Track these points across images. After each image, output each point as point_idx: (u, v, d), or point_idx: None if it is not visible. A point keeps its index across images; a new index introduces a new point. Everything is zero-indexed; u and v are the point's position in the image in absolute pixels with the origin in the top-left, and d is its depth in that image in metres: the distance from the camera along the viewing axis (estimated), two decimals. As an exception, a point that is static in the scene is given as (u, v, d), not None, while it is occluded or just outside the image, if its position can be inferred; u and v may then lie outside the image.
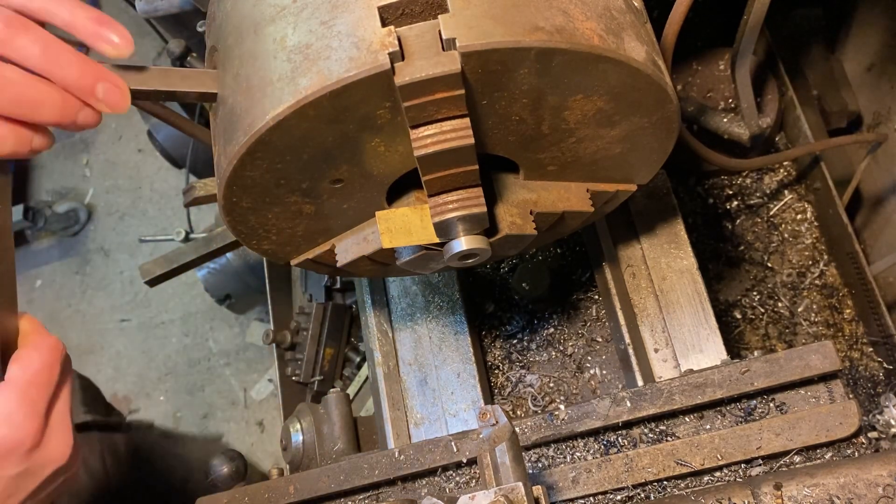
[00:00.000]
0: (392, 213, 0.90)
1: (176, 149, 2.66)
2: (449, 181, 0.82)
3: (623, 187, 1.04)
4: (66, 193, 3.60)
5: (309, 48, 0.74)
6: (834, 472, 0.86)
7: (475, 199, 0.84)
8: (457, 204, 0.84)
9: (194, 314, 3.12)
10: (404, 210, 0.91)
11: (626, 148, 0.96)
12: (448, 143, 0.76)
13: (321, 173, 0.84)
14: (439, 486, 1.02)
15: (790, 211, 1.58)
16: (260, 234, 0.94)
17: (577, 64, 0.78)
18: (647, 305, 1.17)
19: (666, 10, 0.96)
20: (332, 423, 1.25)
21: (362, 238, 0.97)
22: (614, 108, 0.87)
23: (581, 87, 0.82)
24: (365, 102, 0.74)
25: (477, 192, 0.85)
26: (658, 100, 0.87)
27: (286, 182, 0.84)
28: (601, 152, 0.96)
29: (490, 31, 0.72)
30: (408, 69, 0.71)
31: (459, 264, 0.94)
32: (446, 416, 1.19)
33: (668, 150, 1.00)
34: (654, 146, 0.98)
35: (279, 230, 0.93)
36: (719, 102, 1.48)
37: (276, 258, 1.01)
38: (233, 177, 0.81)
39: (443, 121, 0.76)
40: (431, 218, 0.85)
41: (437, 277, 1.30)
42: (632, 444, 0.99)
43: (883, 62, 1.58)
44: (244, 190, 0.84)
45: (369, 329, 1.27)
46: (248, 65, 0.78)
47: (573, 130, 0.90)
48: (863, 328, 1.48)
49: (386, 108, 0.75)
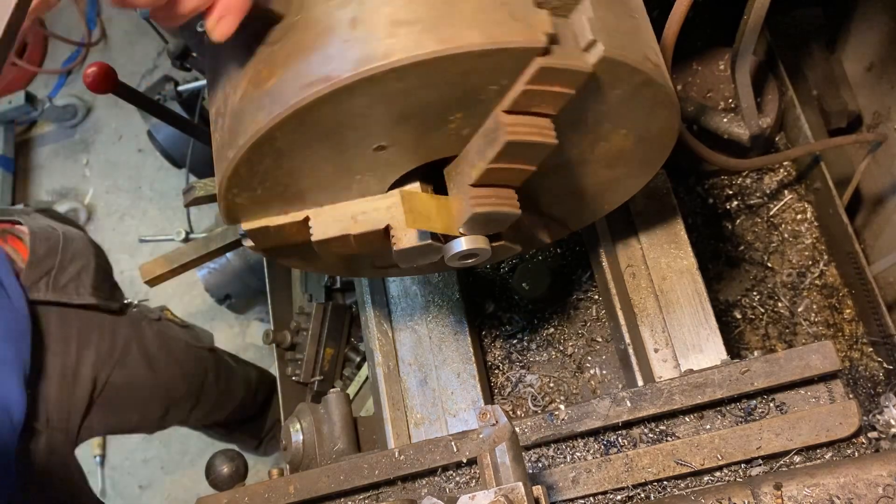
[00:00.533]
0: (414, 195, 0.90)
1: (176, 149, 2.66)
2: (502, 175, 0.83)
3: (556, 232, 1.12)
4: (66, 193, 3.60)
5: (456, 2, 0.73)
6: (834, 472, 0.86)
7: (512, 199, 0.86)
8: (496, 199, 0.85)
9: (194, 314, 3.12)
10: (424, 195, 0.91)
11: (598, 191, 1.02)
12: (537, 137, 0.78)
13: (381, 133, 0.81)
14: (439, 486, 1.02)
15: (790, 211, 1.58)
16: (252, 184, 0.85)
17: (654, 101, 0.85)
18: (647, 305, 1.17)
19: (666, 10, 0.96)
20: (332, 423, 1.25)
21: (349, 216, 0.90)
22: (632, 151, 0.93)
23: (632, 124, 0.88)
24: (492, 72, 0.74)
25: (513, 193, 0.86)
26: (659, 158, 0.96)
27: (345, 131, 0.79)
28: (580, 190, 1.01)
29: (622, 45, 0.77)
30: (553, 55, 0.73)
31: (459, 264, 0.94)
32: (446, 416, 1.19)
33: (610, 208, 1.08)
34: (612, 198, 1.05)
35: (273, 184, 0.86)
36: (719, 102, 1.48)
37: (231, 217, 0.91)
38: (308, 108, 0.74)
39: (534, 115, 0.78)
40: (472, 208, 0.84)
41: (437, 277, 1.30)
42: (632, 444, 0.99)
43: (883, 62, 1.58)
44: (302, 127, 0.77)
45: (369, 329, 1.27)
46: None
47: (587, 163, 0.94)
48: (863, 328, 1.48)
49: (501, 85, 0.76)
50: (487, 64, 0.73)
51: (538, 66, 0.73)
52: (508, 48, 0.71)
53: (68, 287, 1.56)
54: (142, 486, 2.95)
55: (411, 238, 0.89)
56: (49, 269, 1.53)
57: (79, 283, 1.58)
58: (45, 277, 1.53)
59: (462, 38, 0.70)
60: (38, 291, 1.51)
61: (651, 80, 0.81)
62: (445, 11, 0.72)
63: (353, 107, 0.76)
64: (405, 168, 0.89)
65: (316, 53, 0.74)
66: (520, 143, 0.78)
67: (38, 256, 1.53)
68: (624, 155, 0.94)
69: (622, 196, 1.06)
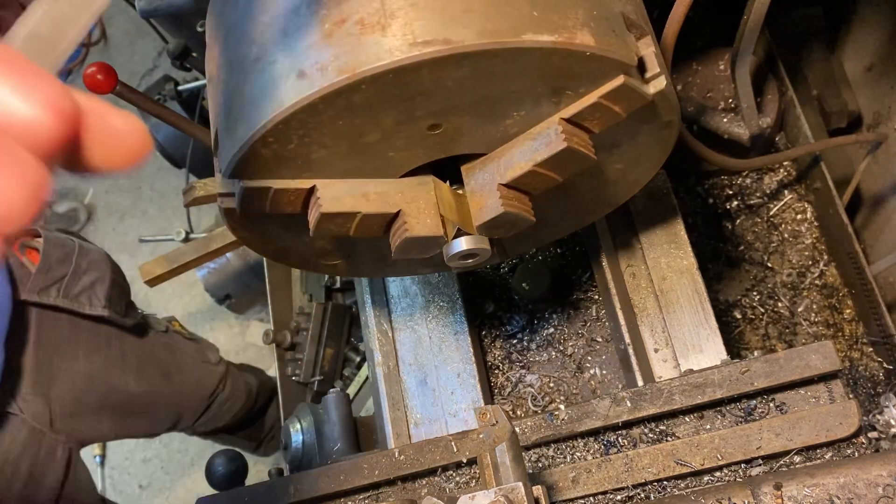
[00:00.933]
0: (442, 184, 0.91)
1: (176, 149, 2.66)
2: (535, 181, 0.85)
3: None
4: (66, 193, 3.60)
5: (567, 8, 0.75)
6: (834, 472, 0.86)
7: (529, 205, 0.88)
8: (519, 203, 0.86)
9: (194, 314, 3.12)
10: (447, 187, 0.92)
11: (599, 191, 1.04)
12: (586, 150, 0.81)
13: (450, 112, 0.80)
14: (439, 486, 1.02)
15: (790, 211, 1.58)
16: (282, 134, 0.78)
17: (670, 137, 0.91)
18: (647, 305, 1.17)
19: (666, 10, 0.96)
20: (332, 423, 1.25)
21: (361, 193, 0.86)
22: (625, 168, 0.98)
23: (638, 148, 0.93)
24: (582, 77, 0.77)
25: (528, 199, 0.88)
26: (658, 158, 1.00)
27: (422, 100, 0.77)
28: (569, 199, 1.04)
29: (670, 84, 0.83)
30: (634, 77, 0.79)
31: (458, 264, 0.94)
32: (446, 416, 1.19)
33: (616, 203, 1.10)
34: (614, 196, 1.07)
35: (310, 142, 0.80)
36: (719, 102, 1.48)
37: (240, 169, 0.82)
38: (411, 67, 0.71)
39: (583, 129, 0.82)
40: (500, 206, 0.85)
41: (437, 277, 1.30)
42: (632, 444, 0.99)
43: (883, 62, 1.58)
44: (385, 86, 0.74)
45: (369, 329, 1.27)
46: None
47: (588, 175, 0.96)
48: (863, 328, 1.48)
49: (576, 92, 0.79)
50: (587, 67, 0.76)
51: (621, 81, 0.76)
52: (611, 58, 0.75)
53: (81, 297, 1.58)
54: (142, 486, 2.95)
55: (424, 227, 0.86)
56: (62, 276, 1.55)
57: (92, 294, 1.60)
58: (57, 284, 1.54)
59: (576, 36, 0.73)
60: (48, 296, 1.52)
61: (675, 122, 0.87)
62: (561, 7, 0.75)
63: (455, 75, 0.74)
64: (434, 157, 0.87)
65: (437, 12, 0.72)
66: (573, 152, 0.80)
67: (49, 262, 1.54)
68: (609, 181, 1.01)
69: (632, 187, 1.07)
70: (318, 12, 0.76)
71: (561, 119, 0.80)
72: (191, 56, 1.99)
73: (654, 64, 0.80)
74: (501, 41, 0.71)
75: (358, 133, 0.80)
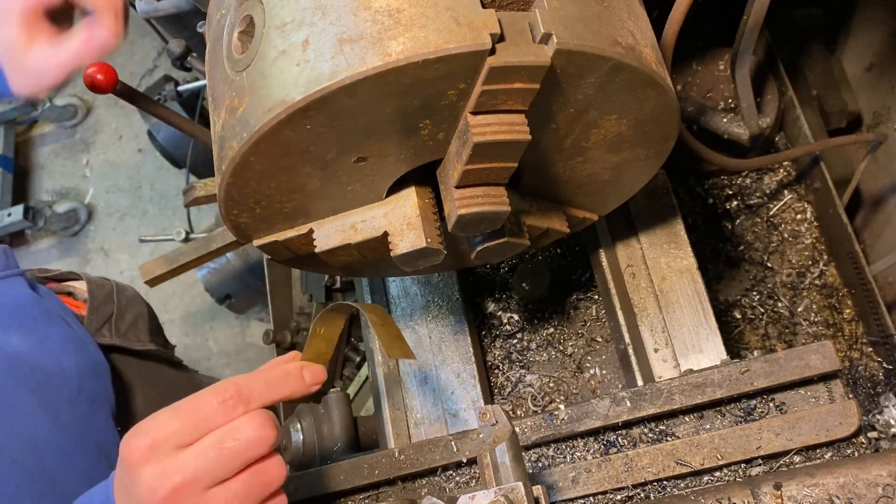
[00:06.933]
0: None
1: (176, 149, 2.67)
2: (484, 175, 0.83)
3: (589, 216, 1.10)
4: (66, 193, 3.60)
5: (400, 13, 0.72)
6: (834, 472, 0.86)
7: (501, 196, 0.85)
8: (483, 199, 0.85)
9: (194, 314, 3.12)
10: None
11: (613, 176, 1.01)
12: (507, 135, 0.77)
13: (354, 147, 0.81)
14: (439, 486, 1.02)
15: (790, 211, 1.58)
16: (248, 204, 0.88)
17: (633, 84, 0.82)
18: (647, 305, 1.17)
19: (666, 10, 0.96)
20: (332, 423, 1.25)
21: (349, 225, 0.92)
22: (632, 134, 0.91)
23: (620, 108, 0.86)
24: (445, 79, 0.74)
25: (502, 190, 0.86)
26: (665, 136, 0.93)
27: (316, 149, 0.80)
28: (592, 177, 0.99)
29: (581, 35, 0.75)
30: (504, 53, 0.72)
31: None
32: (446, 416, 1.19)
33: (636, 189, 1.07)
34: (633, 181, 1.04)
35: (269, 203, 0.88)
36: (719, 102, 1.48)
37: (242, 235, 0.94)
38: (271, 133, 0.76)
39: (503, 112, 0.78)
40: (457, 210, 0.84)
41: (437, 277, 1.30)
42: (632, 443, 0.99)
43: (883, 62, 1.58)
44: (272, 150, 0.79)
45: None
46: (318, 14, 0.75)
47: (587, 150, 0.93)
48: (863, 328, 1.48)
49: (459, 89, 0.75)
50: (435, 72, 0.72)
51: (489, 66, 0.72)
52: (452, 54, 0.71)
53: (129, 333, 1.58)
54: (142, 486, 2.95)
55: (407, 243, 0.90)
56: (109, 316, 1.55)
57: (137, 330, 1.60)
58: (108, 323, 1.55)
59: (404, 49, 0.70)
60: (102, 337, 1.52)
61: (621, 64, 0.79)
62: (388, 25, 0.71)
63: (315, 126, 0.76)
64: (395, 175, 0.89)
65: (273, 78, 0.75)
66: (489, 143, 0.77)
67: (97, 302, 1.54)
68: (624, 139, 0.93)
69: (641, 176, 1.05)
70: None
71: (469, 113, 0.78)
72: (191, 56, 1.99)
73: (540, 24, 0.73)
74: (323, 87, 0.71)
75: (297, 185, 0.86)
